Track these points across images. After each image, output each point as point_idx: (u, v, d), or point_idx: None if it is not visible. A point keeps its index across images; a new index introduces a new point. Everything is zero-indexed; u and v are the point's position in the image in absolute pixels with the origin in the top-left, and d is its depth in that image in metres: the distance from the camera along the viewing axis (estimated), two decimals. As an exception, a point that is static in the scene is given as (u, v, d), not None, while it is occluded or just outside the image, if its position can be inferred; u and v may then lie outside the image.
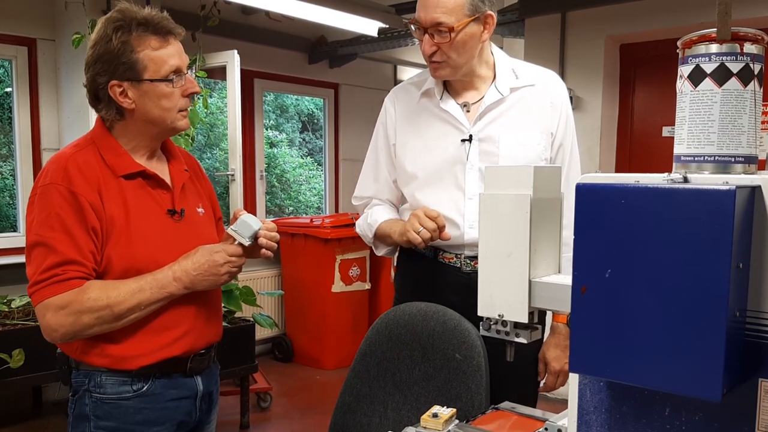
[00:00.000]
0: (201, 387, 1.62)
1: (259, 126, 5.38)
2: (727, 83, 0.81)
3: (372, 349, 1.69)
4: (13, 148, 4.14)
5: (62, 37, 3.99)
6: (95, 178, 1.47)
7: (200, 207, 1.67)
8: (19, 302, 3.38)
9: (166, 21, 1.50)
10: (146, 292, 1.45)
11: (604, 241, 0.80)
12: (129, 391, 1.51)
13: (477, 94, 1.79)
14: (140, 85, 1.47)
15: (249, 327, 3.82)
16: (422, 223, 1.65)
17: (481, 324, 1.10)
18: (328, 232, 4.74)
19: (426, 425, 1.24)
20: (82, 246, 1.43)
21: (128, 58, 1.46)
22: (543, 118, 1.78)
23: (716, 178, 0.79)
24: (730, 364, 0.73)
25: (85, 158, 1.49)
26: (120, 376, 1.50)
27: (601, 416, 0.91)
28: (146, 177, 1.55)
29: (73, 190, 1.43)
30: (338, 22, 4.29)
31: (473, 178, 1.74)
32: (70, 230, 1.42)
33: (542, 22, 4.20)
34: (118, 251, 1.47)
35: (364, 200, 1.95)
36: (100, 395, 1.50)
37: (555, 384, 1.82)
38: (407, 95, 1.86)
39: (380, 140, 1.89)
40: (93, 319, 1.42)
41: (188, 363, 1.58)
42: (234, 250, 1.51)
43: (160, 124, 1.53)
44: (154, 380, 1.53)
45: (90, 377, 1.51)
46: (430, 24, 1.65)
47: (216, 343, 1.68)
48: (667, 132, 4.01)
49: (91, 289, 1.42)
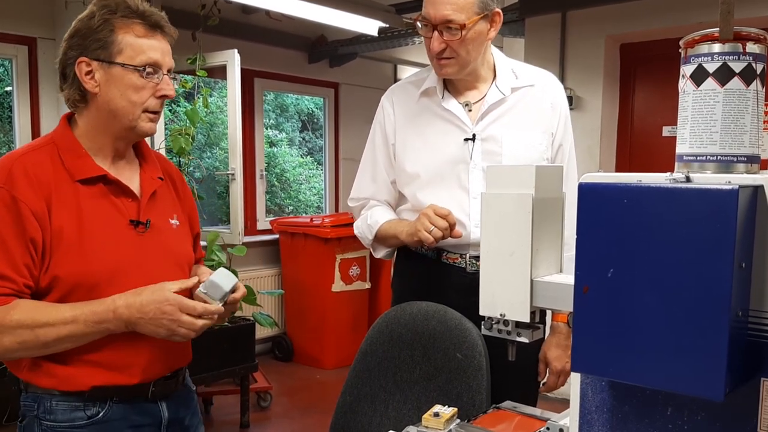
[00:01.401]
0: (166, 413, 1.46)
1: (259, 125, 5.38)
2: (730, 83, 0.81)
3: (373, 348, 1.69)
4: (13, 148, 4.14)
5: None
6: (45, 184, 1.32)
7: (174, 219, 1.51)
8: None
9: (159, 17, 1.40)
10: (80, 324, 1.29)
11: (607, 241, 0.80)
12: (82, 417, 1.35)
13: (478, 93, 1.79)
14: (110, 68, 1.36)
15: (249, 326, 3.83)
16: (433, 222, 1.62)
17: (482, 323, 1.10)
18: (328, 232, 4.74)
19: (427, 425, 1.24)
20: (16, 258, 1.28)
21: (105, 37, 1.35)
22: (543, 119, 1.78)
23: (719, 177, 0.79)
24: (732, 363, 0.73)
25: (37, 160, 1.35)
26: (71, 400, 1.35)
27: (603, 416, 0.91)
28: (107, 182, 1.40)
29: (14, 195, 1.29)
30: (338, 21, 4.29)
31: (477, 177, 1.73)
32: (3, 240, 1.28)
33: (542, 22, 4.20)
34: (66, 266, 1.31)
35: (361, 201, 1.91)
36: (50, 422, 1.35)
37: (556, 384, 1.82)
38: (406, 94, 1.84)
39: (378, 140, 1.86)
40: (15, 344, 1.28)
41: (150, 387, 1.42)
42: (191, 311, 1.31)
43: (121, 117, 1.38)
44: (111, 405, 1.37)
45: (39, 401, 1.36)
46: (440, 21, 1.63)
47: (185, 366, 1.53)
48: (667, 132, 4.01)
49: (16, 310, 1.27)
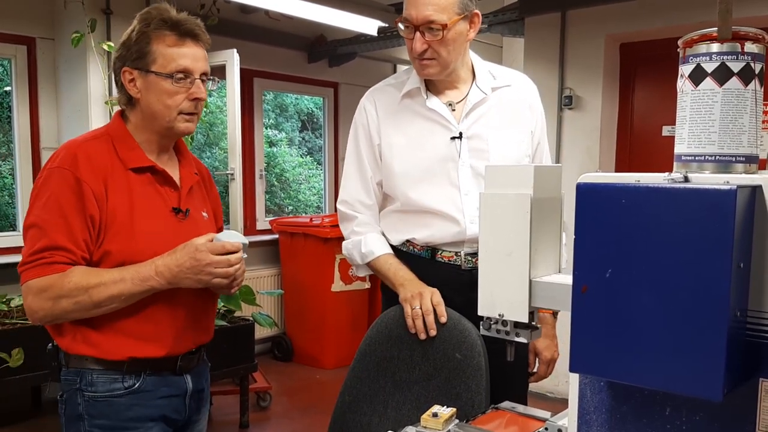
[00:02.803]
0: (190, 385, 1.64)
1: (258, 125, 5.38)
2: (728, 82, 0.81)
3: (372, 348, 1.69)
4: (12, 147, 4.14)
5: (61, 36, 3.99)
6: (103, 169, 1.49)
7: (205, 212, 1.69)
8: (18, 301, 3.38)
9: (191, 25, 1.54)
10: (127, 282, 1.45)
11: (605, 241, 0.80)
12: (120, 389, 1.52)
13: (459, 93, 1.81)
14: (147, 76, 1.52)
15: (248, 326, 3.82)
16: (423, 303, 1.62)
17: (481, 323, 1.10)
18: (328, 232, 4.73)
19: (426, 425, 1.24)
20: (76, 233, 1.45)
21: (142, 48, 1.52)
22: (523, 117, 1.84)
23: (717, 177, 0.79)
24: (731, 363, 0.73)
25: (96, 148, 1.52)
26: (110, 373, 1.52)
27: (601, 416, 0.91)
28: (155, 173, 1.58)
29: (79, 177, 1.46)
30: (338, 21, 4.29)
31: (466, 174, 1.76)
32: (66, 216, 1.44)
33: (542, 21, 4.20)
34: (117, 243, 1.48)
35: (351, 211, 1.88)
36: (92, 394, 1.51)
37: (546, 372, 1.88)
38: (387, 96, 1.85)
39: (362, 141, 1.86)
40: (71, 304, 1.43)
41: (177, 362, 1.59)
42: (219, 250, 1.49)
43: (160, 119, 1.55)
44: (145, 377, 1.54)
45: (81, 375, 1.52)
46: (422, 22, 1.66)
47: (206, 342, 1.69)
48: (667, 131, 4.01)
49: (72, 274, 1.44)
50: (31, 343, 3.15)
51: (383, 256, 1.81)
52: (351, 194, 1.88)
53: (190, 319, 1.59)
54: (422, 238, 1.79)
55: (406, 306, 1.65)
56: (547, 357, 1.86)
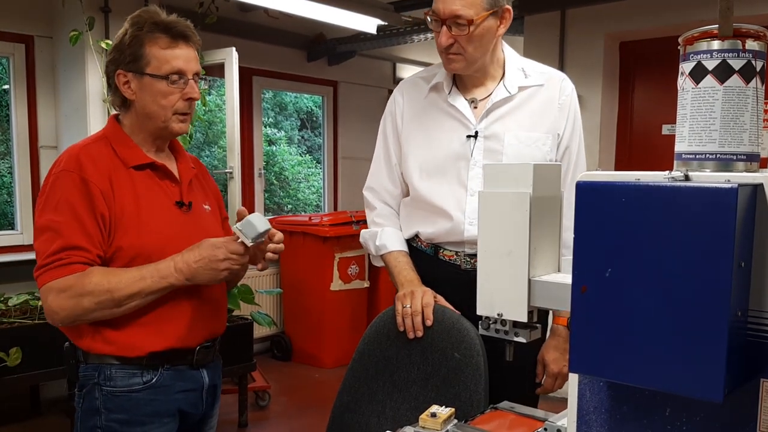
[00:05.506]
0: (207, 380, 1.67)
1: (257, 124, 5.37)
2: (729, 80, 0.80)
3: (370, 348, 1.68)
4: (10, 146, 4.13)
5: (60, 35, 3.98)
6: (107, 168, 1.53)
7: (206, 204, 1.73)
8: (16, 300, 3.37)
9: (182, 27, 1.58)
10: (147, 280, 1.48)
11: (605, 240, 0.79)
12: (139, 383, 1.55)
13: (485, 90, 1.79)
14: (141, 79, 1.56)
15: (247, 325, 3.81)
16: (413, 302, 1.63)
17: (480, 323, 1.09)
18: (327, 231, 4.73)
19: (424, 425, 1.24)
20: (90, 232, 1.48)
21: (135, 51, 1.55)
22: (550, 119, 1.77)
23: (718, 176, 0.78)
24: (731, 364, 0.72)
25: (97, 149, 1.56)
26: (130, 368, 1.54)
27: (601, 416, 0.90)
28: (155, 168, 1.61)
29: (85, 177, 1.49)
30: (337, 19, 4.27)
31: (476, 175, 1.73)
32: (78, 216, 1.47)
33: (542, 20, 4.19)
34: (127, 239, 1.52)
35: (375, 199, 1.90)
36: (110, 388, 1.54)
37: (553, 386, 1.80)
38: (416, 89, 1.86)
39: (389, 130, 1.88)
40: (93, 304, 1.46)
41: (194, 355, 1.61)
42: (235, 248, 1.51)
43: (155, 119, 1.59)
44: (162, 372, 1.57)
45: (100, 370, 1.54)
46: (449, 16, 1.64)
47: (220, 335, 1.72)
48: (666, 130, 4.00)
49: (93, 274, 1.46)
50: (29, 342, 3.14)
51: (394, 252, 1.83)
52: (377, 181, 1.92)
53: (205, 310, 1.63)
54: (426, 233, 1.80)
55: (397, 303, 1.66)
56: (554, 370, 1.77)
